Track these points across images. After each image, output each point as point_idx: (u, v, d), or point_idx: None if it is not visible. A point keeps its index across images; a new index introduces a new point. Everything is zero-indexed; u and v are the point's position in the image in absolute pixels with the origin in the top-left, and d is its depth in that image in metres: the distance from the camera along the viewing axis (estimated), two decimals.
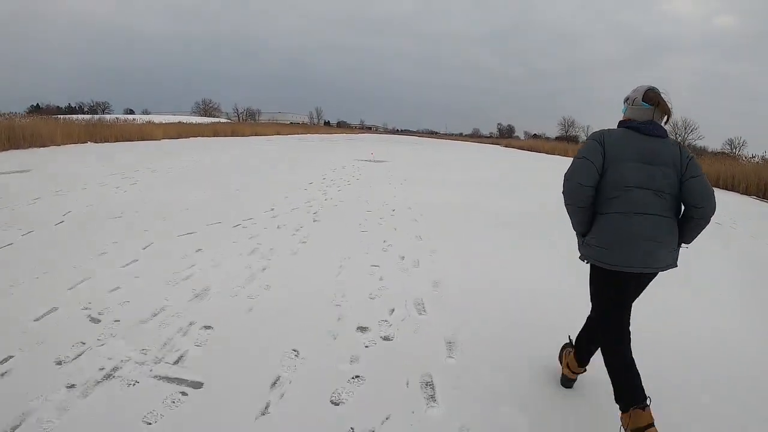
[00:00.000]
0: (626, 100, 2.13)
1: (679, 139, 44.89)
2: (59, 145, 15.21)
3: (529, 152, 36.29)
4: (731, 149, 45.63)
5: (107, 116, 33.46)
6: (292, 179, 10.17)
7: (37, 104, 71.93)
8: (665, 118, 2.08)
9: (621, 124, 2.12)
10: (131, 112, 74.16)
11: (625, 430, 1.83)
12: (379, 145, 30.58)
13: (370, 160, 16.71)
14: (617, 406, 1.91)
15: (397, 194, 8.71)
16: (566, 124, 61.15)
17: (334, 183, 9.89)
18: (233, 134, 33.68)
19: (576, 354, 2.33)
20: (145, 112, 70.53)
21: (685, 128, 46.49)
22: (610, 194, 1.98)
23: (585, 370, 2.37)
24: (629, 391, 1.89)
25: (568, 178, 2.03)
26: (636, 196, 1.94)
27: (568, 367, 2.38)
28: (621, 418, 1.87)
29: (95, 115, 30.06)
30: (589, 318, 2.29)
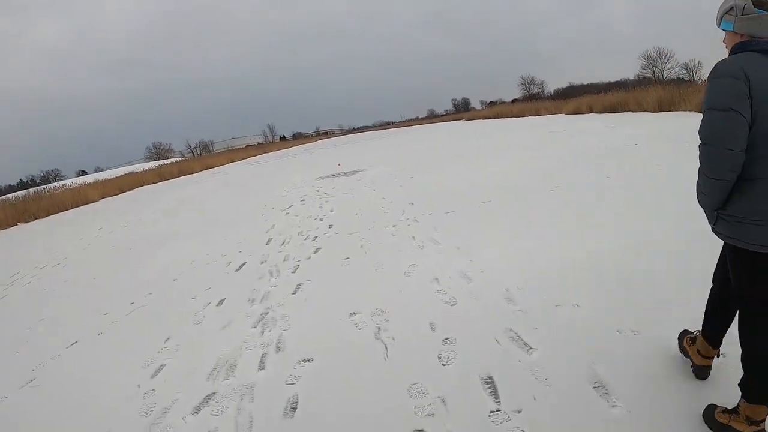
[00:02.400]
0: (728, 11, 1.41)
1: (657, 71, 40.10)
2: None
3: (503, 119, 31.60)
4: (687, 73, 41.56)
5: (42, 186, 29.88)
6: (169, 288, 4.92)
7: None
8: None
9: (743, 47, 1.37)
10: (84, 173, 67.19)
11: (740, 417, 1.50)
12: (342, 150, 25.26)
13: (338, 175, 11.51)
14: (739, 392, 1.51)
15: (441, 268, 3.59)
16: (526, 83, 56.04)
17: (276, 271, 4.41)
18: (180, 174, 29.36)
19: (705, 333, 1.77)
20: (98, 170, 65.77)
21: (660, 58, 41.35)
22: (756, 152, 1.35)
23: (719, 352, 1.78)
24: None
25: (710, 142, 1.37)
26: None
27: (699, 353, 1.79)
28: (740, 406, 1.51)
29: (27, 190, 25.64)
30: (712, 291, 1.76)
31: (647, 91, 15.59)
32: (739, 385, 1.54)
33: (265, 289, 3.76)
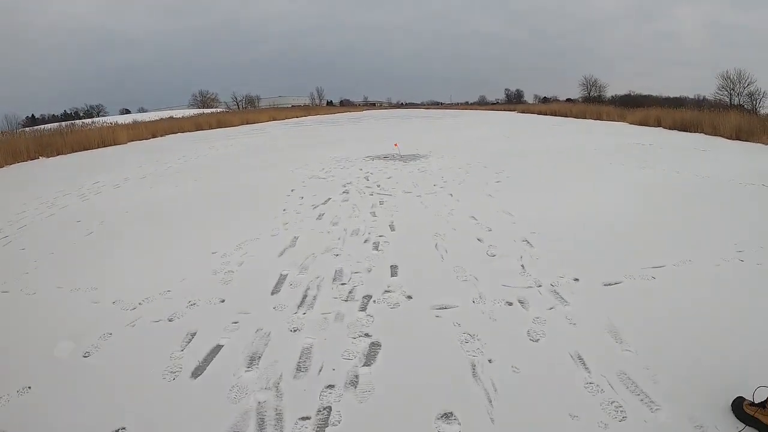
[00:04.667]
0: None
1: (734, 96, 34.36)
2: (2, 167, 10.99)
3: (562, 118, 27.67)
4: (750, 102, 35.26)
5: (72, 122, 28.76)
6: (62, 387, 2.40)
7: (32, 115, 66.00)
8: None
9: None
10: (127, 111, 66.85)
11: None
12: (392, 124, 22.32)
13: (392, 157, 8.80)
14: None
15: None
16: (588, 84, 50.31)
17: (276, 418, 2.03)
18: (218, 125, 26.94)
19: None
20: (142, 110, 65.05)
21: (740, 81, 35.31)
22: None
23: None
24: None
25: None
26: None
27: None
28: None
29: (60, 123, 24.34)
30: None
31: (725, 114, 12.91)
32: None
33: None
